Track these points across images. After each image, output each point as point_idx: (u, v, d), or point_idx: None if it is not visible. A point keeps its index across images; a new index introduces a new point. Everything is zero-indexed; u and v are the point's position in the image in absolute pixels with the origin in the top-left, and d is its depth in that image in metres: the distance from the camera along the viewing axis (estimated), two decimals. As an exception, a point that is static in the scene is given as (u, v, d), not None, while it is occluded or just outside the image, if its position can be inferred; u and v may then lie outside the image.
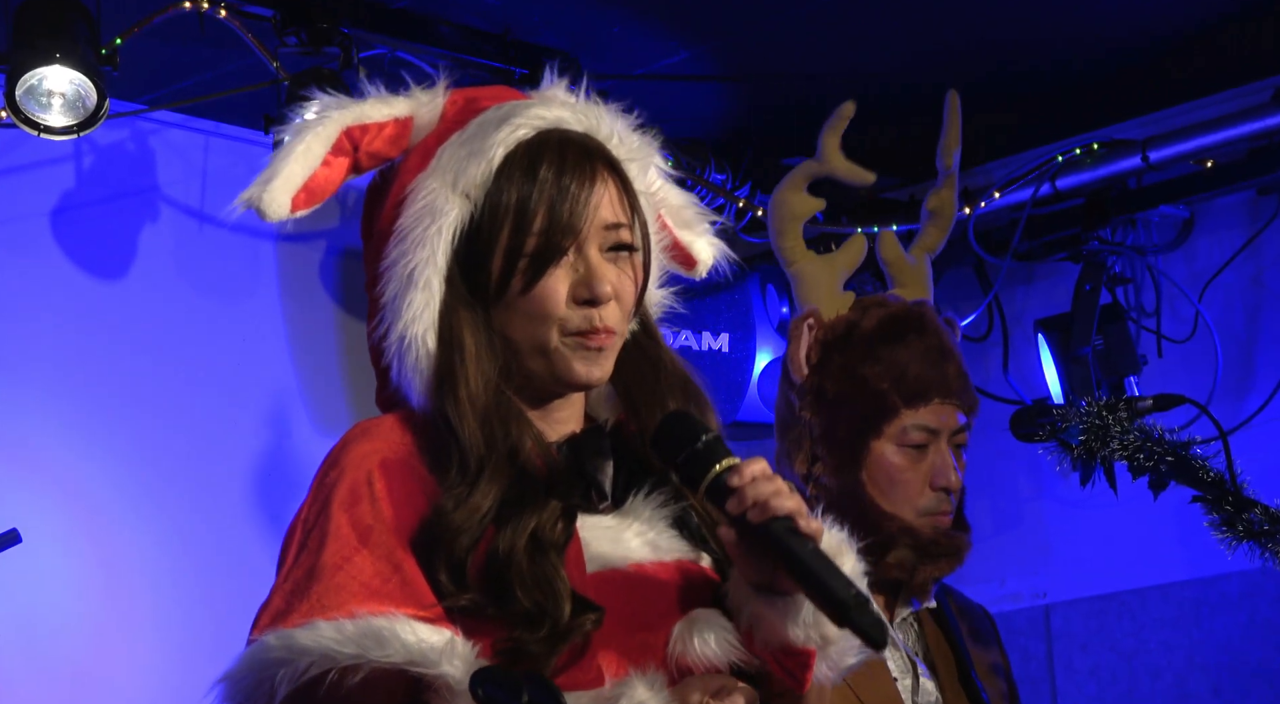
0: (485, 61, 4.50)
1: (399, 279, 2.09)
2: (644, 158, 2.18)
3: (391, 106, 2.27)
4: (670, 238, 2.25)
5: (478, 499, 2.01)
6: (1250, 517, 3.25)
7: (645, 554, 2.07)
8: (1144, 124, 4.93)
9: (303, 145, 2.21)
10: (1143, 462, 3.34)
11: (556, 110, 2.20)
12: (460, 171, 2.13)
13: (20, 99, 4.03)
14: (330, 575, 2.04)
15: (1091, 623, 5.04)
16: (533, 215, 2.07)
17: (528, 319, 2.08)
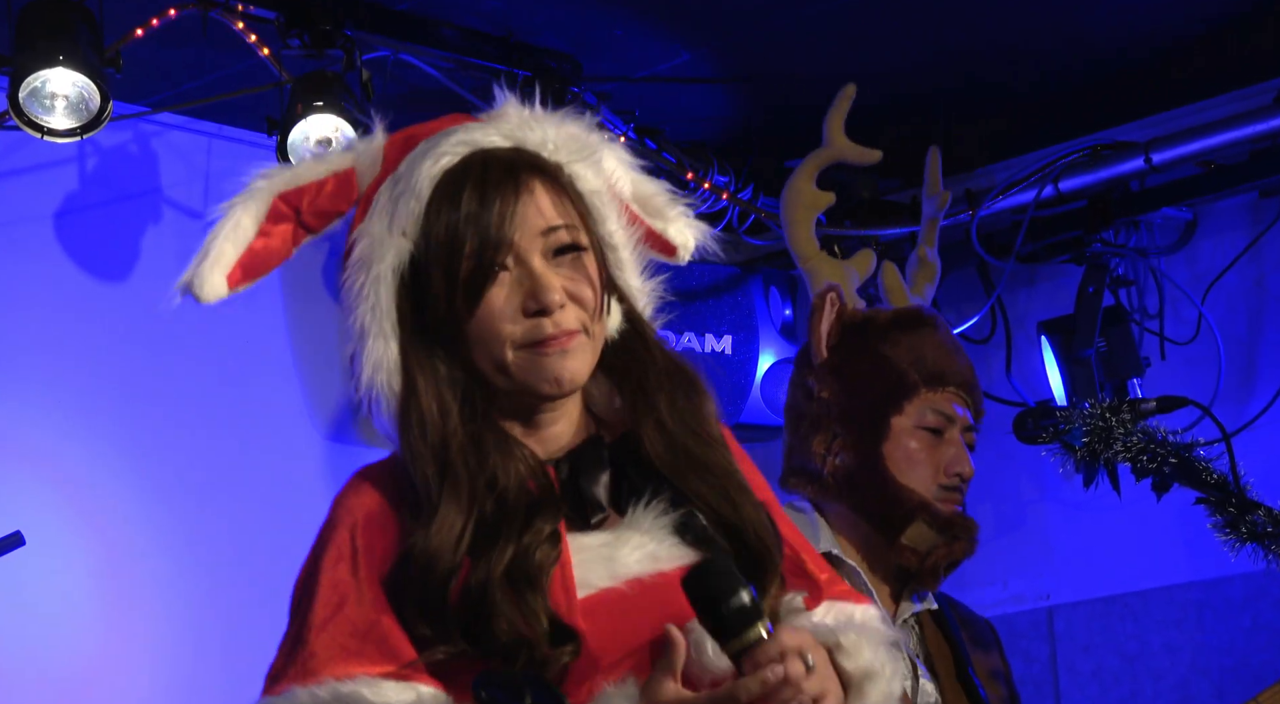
0: (487, 64, 4.50)
1: (354, 334, 2.14)
2: (588, 156, 2.15)
3: (327, 163, 2.22)
4: (644, 228, 2.22)
5: (442, 534, 2.00)
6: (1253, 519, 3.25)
7: (644, 568, 2.05)
8: (1146, 126, 4.93)
9: (231, 222, 2.22)
10: (1146, 463, 3.34)
11: (484, 132, 2.15)
12: (394, 212, 2.13)
13: (24, 101, 4.03)
14: (313, 638, 2.07)
15: (1094, 625, 5.04)
16: (462, 240, 2.06)
17: (480, 342, 2.07)
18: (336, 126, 4.26)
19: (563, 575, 2.02)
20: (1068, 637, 5.07)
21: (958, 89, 4.76)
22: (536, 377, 2.07)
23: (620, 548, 2.06)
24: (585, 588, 2.03)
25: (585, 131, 2.18)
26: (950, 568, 3.23)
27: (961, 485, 3.22)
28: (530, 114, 2.18)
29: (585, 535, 2.06)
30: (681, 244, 2.24)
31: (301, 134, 4.26)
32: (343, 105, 4.24)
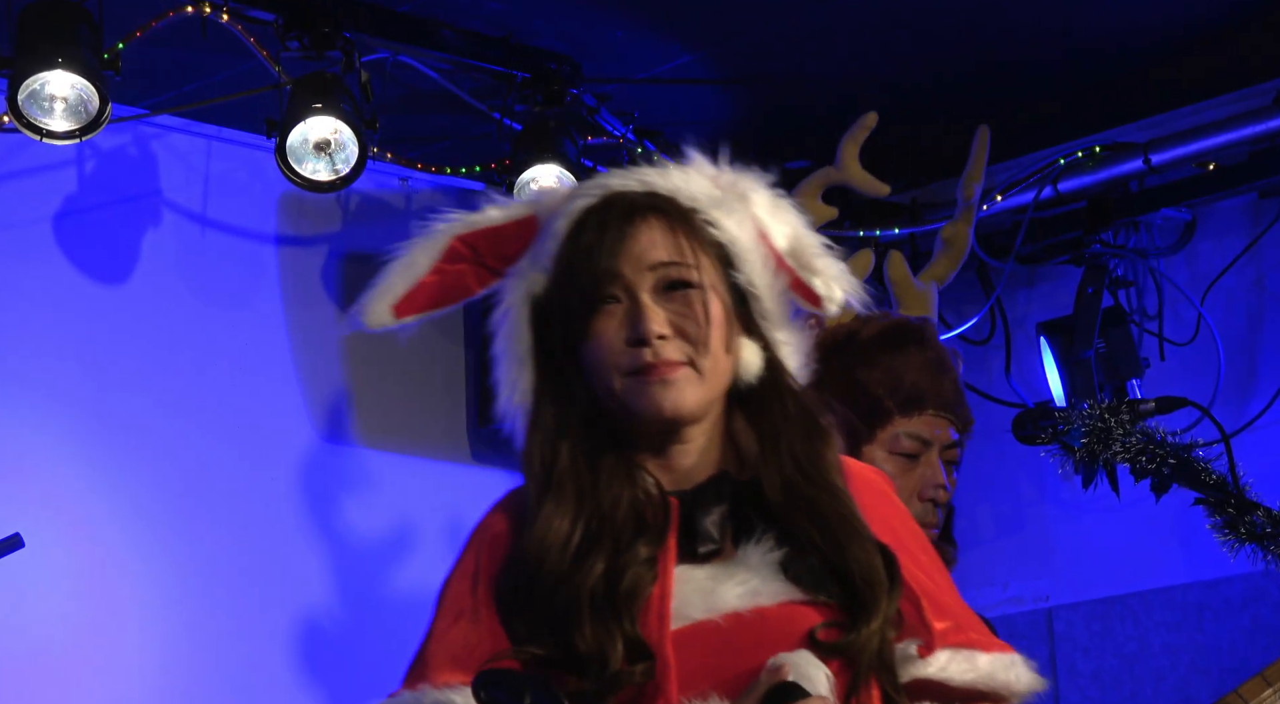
0: (488, 66, 4.50)
1: (500, 363, 2.25)
2: (722, 205, 2.25)
3: (508, 211, 2.35)
4: (791, 278, 2.28)
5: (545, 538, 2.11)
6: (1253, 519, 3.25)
7: (743, 603, 2.11)
8: (1146, 127, 4.93)
9: (407, 259, 2.33)
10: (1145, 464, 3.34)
11: (623, 178, 2.27)
12: (537, 249, 2.26)
13: (23, 104, 4.03)
14: (429, 647, 2.19)
15: (1094, 626, 5.04)
16: (577, 270, 2.19)
17: (594, 369, 2.18)
18: (336, 129, 4.26)
19: (660, 604, 2.09)
20: (1067, 638, 5.07)
21: (956, 90, 4.76)
22: (641, 404, 2.16)
23: (723, 582, 2.12)
24: (681, 619, 2.09)
25: (727, 182, 2.29)
26: None
27: (935, 507, 3.20)
28: (669, 166, 2.31)
29: (693, 567, 2.13)
30: (826, 296, 2.28)
31: (300, 136, 4.26)
32: (342, 107, 4.24)
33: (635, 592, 2.08)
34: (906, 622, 2.16)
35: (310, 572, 4.67)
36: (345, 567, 4.73)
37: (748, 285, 2.22)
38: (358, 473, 4.82)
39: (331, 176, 4.30)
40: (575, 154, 4.58)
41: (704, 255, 2.20)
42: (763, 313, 2.23)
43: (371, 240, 4.95)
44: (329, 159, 4.30)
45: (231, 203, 4.76)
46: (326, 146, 4.28)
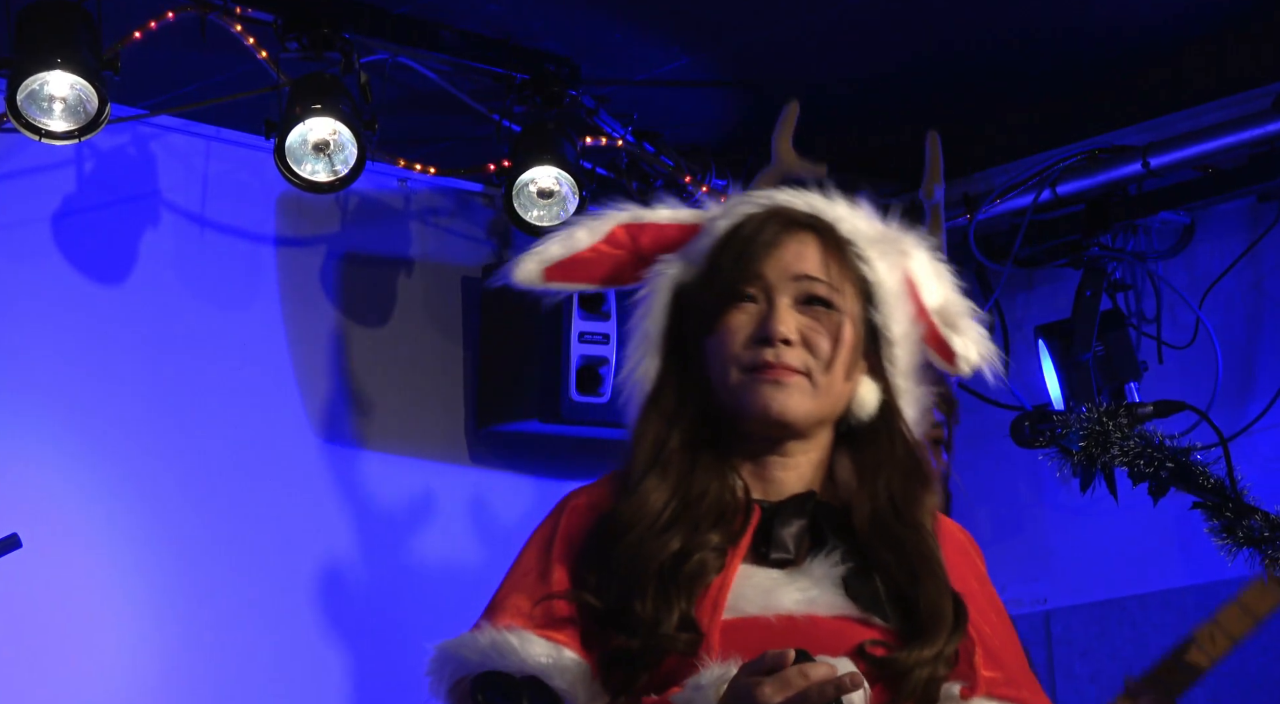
0: (487, 67, 4.50)
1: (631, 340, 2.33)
2: (878, 245, 2.32)
3: (677, 213, 2.40)
4: (930, 331, 2.34)
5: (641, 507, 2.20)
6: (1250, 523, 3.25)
7: (799, 608, 2.17)
8: (1145, 130, 4.93)
9: (568, 231, 2.39)
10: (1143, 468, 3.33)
11: (790, 196, 2.34)
12: (695, 246, 2.33)
13: (22, 104, 4.03)
14: (500, 598, 2.27)
15: (1092, 629, 5.04)
16: (724, 265, 2.27)
17: (716, 359, 2.24)
18: (335, 129, 4.26)
19: (718, 592, 2.16)
20: (1065, 641, 5.07)
21: (955, 93, 4.76)
22: (750, 401, 2.22)
23: (784, 586, 2.18)
24: (734, 611, 2.17)
25: (888, 232, 2.36)
26: None
27: None
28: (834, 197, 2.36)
29: (760, 569, 2.20)
30: (963, 356, 2.34)
31: (299, 137, 4.26)
32: (341, 108, 4.24)
33: (698, 575, 2.16)
34: (959, 665, 2.20)
35: (308, 573, 4.67)
36: (343, 568, 4.73)
37: (883, 327, 2.29)
38: (356, 474, 4.81)
39: (330, 177, 4.30)
40: (574, 155, 4.58)
41: (848, 285, 2.27)
42: (891, 357, 2.29)
43: (370, 241, 4.95)
44: (328, 160, 4.30)
45: (230, 203, 4.76)
46: (325, 147, 4.28)
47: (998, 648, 2.28)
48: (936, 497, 2.28)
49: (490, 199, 5.07)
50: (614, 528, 2.20)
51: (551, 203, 4.58)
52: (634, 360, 2.31)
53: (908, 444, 2.28)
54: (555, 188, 4.56)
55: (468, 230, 5.07)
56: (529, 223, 4.56)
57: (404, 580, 4.78)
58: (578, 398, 4.78)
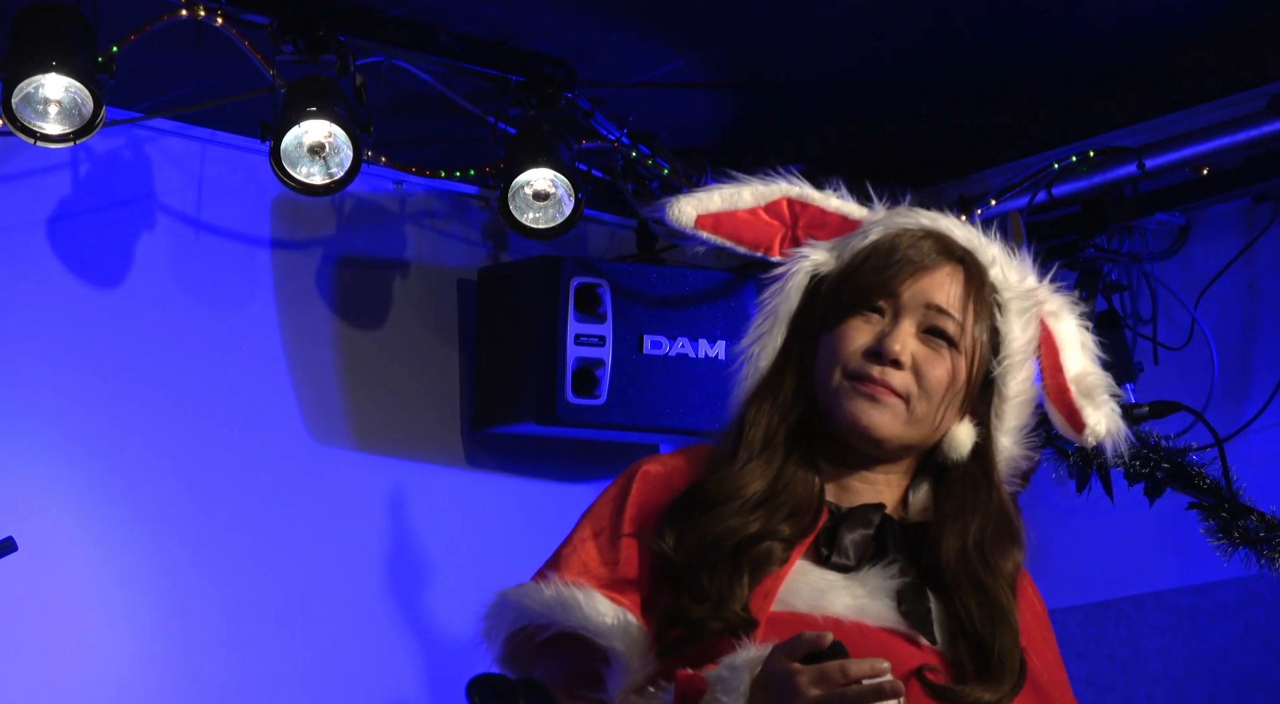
0: (482, 70, 4.50)
1: (759, 313, 2.35)
2: (1029, 303, 2.33)
3: (845, 204, 2.41)
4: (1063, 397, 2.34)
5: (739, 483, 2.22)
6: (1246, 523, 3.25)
7: (848, 613, 2.18)
8: (1140, 131, 4.93)
9: (735, 187, 2.39)
10: (1139, 469, 3.34)
11: (949, 224, 2.35)
12: (846, 241, 2.34)
13: (16, 107, 4.02)
14: (567, 552, 2.28)
15: (1088, 630, 5.04)
16: (866, 270, 2.27)
17: (826, 356, 2.26)
18: (330, 132, 4.25)
19: (772, 582, 2.18)
20: (1061, 642, 5.02)
21: (950, 94, 4.76)
22: (843, 408, 2.24)
23: (837, 590, 2.20)
24: (783, 605, 2.18)
25: (1034, 286, 2.38)
26: None
27: None
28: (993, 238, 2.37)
29: (818, 569, 2.22)
30: (1092, 428, 2.35)
31: (295, 140, 4.26)
32: (336, 111, 4.24)
33: (763, 562, 2.18)
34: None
35: (303, 576, 4.66)
36: (339, 571, 4.73)
37: (1000, 380, 2.29)
38: (352, 477, 4.81)
39: (326, 180, 4.30)
40: (570, 158, 4.58)
41: (979, 327, 2.27)
42: (1000, 411, 2.30)
43: (366, 244, 4.95)
44: (323, 163, 4.29)
45: (225, 206, 4.75)
46: (321, 150, 4.28)
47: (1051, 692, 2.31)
48: (1024, 553, 2.30)
49: (486, 201, 5.06)
50: (705, 497, 2.22)
51: (547, 205, 4.58)
52: (755, 334, 2.32)
53: (1002, 496, 2.29)
54: (551, 190, 4.56)
55: (463, 233, 5.07)
56: (525, 225, 4.56)
57: (400, 583, 4.78)
58: (574, 400, 4.78)
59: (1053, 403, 2.34)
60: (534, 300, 4.80)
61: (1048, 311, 2.35)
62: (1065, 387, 2.33)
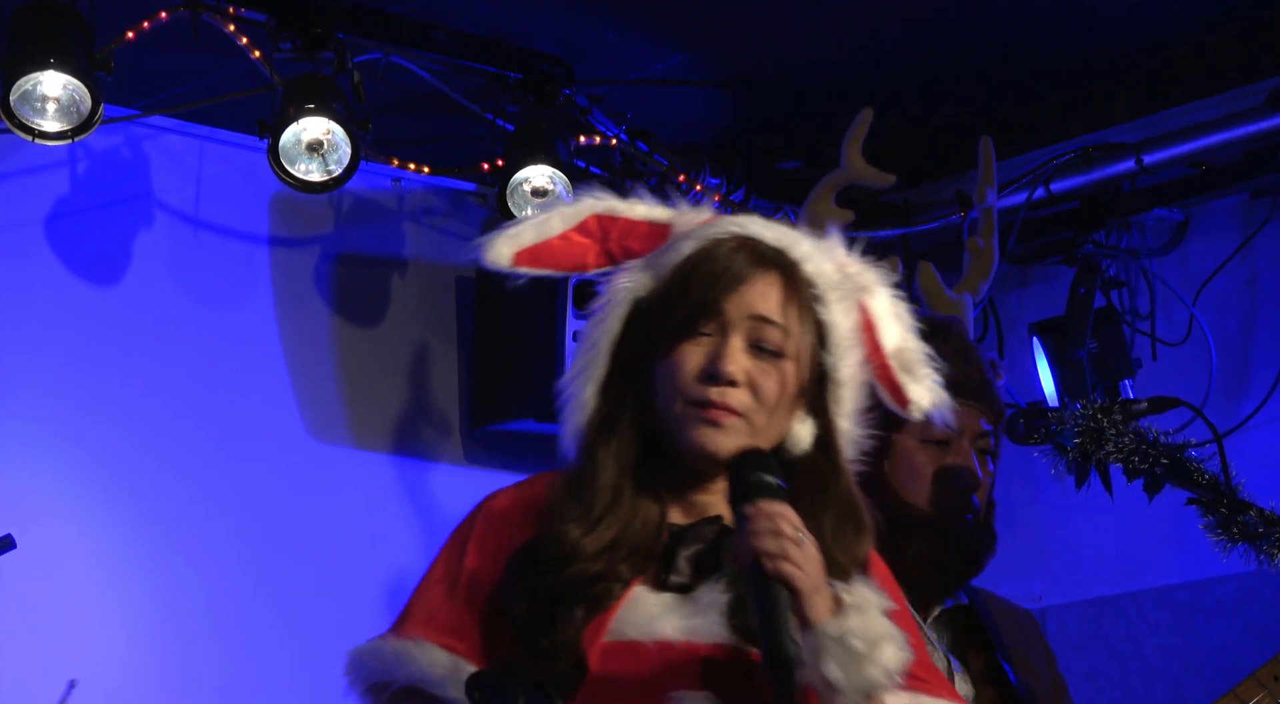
0: (479, 66, 4.50)
1: (581, 345, 2.34)
2: (845, 289, 2.33)
3: (651, 210, 2.41)
4: (884, 372, 2.37)
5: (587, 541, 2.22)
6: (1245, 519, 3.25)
7: (678, 635, 2.20)
8: (1138, 128, 4.93)
9: (544, 216, 2.40)
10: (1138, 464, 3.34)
11: (762, 227, 2.34)
12: (661, 258, 2.33)
13: (15, 104, 4.02)
14: (413, 602, 2.35)
15: (1087, 627, 5.04)
16: (687, 294, 2.27)
17: (663, 386, 2.26)
18: (328, 129, 4.25)
19: (605, 616, 2.20)
20: (1060, 638, 5.06)
21: (948, 91, 4.77)
22: (687, 436, 2.25)
23: (670, 612, 2.21)
24: (616, 635, 2.20)
25: (853, 270, 2.36)
26: (960, 581, 3.23)
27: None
28: (800, 233, 2.36)
29: (654, 594, 2.23)
30: (915, 400, 2.39)
31: (293, 137, 4.26)
32: (334, 108, 4.24)
33: (598, 601, 2.20)
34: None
35: (302, 572, 4.66)
36: (338, 567, 4.73)
37: (832, 369, 2.31)
38: (350, 474, 4.81)
39: (324, 177, 4.30)
40: (567, 155, 4.58)
41: (803, 327, 2.28)
42: (836, 397, 2.32)
43: (364, 241, 4.95)
44: (321, 160, 4.30)
45: (224, 204, 4.75)
46: (319, 147, 4.28)
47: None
48: (871, 540, 2.32)
49: (484, 198, 5.06)
50: (550, 552, 2.22)
51: (545, 202, 4.58)
52: (580, 366, 2.32)
53: (845, 484, 2.31)
54: (549, 187, 4.56)
55: (462, 230, 5.07)
56: (523, 222, 4.56)
57: (399, 579, 4.78)
58: (573, 397, 4.78)
59: (878, 381, 2.37)
60: (533, 298, 4.81)
61: (862, 290, 2.36)
62: (886, 364, 2.36)
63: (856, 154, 3.83)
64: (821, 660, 2.13)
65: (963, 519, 3.20)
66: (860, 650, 2.14)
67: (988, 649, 3.24)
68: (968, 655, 3.22)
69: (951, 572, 3.20)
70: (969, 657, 3.21)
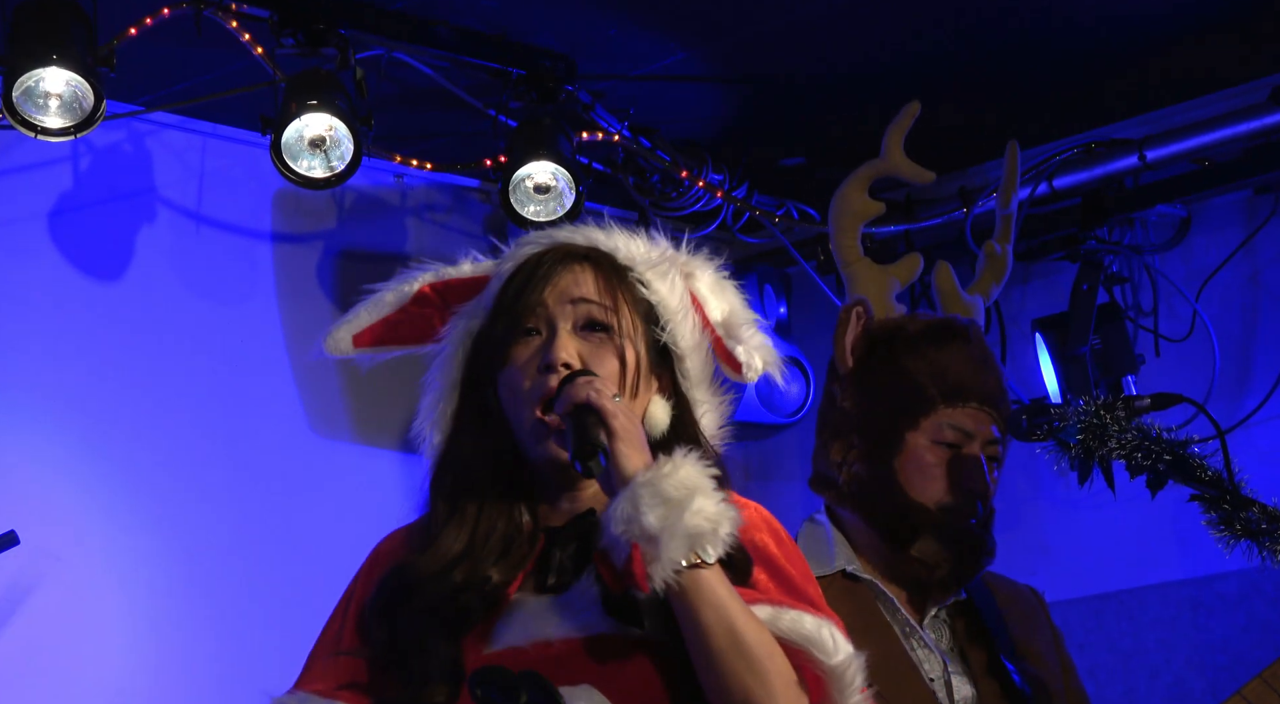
0: (482, 62, 4.50)
1: (428, 389, 2.40)
2: (656, 268, 2.38)
3: (480, 267, 2.50)
4: (718, 344, 2.40)
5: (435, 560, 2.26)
6: (1248, 515, 3.25)
7: (559, 632, 2.21)
8: (1141, 123, 4.93)
9: (378, 298, 2.51)
10: (1140, 461, 3.33)
11: (569, 233, 2.41)
12: (487, 292, 2.41)
13: (17, 101, 4.02)
14: (313, 654, 2.40)
15: (1089, 622, 5.04)
16: (508, 302, 2.35)
17: (509, 397, 2.31)
18: (331, 125, 4.25)
19: (485, 628, 2.24)
20: (1063, 634, 5.06)
21: (951, 87, 4.77)
22: (537, 449, 2.29)
23: (549, 613, 2.24)
24: (500, 644, 2.22)
25: (664, 251, 2.42)
26: (960, 582, 3.24)
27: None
28: (613, 229, 2.42)
29: (534, 598, 2.25)
30: (746, 363, 2.40)
31: (296, 133, 4.26)
32: (337, 104, 4.24)
33: (464, 618, 2.23)
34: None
35: (305, 568, 4.67)
36: (340, 562, 4.72)
37: (671, 343, 2.35)
38: (353, 470, 4.82)
39: (326, 173, 4.30)
40: (570, 151, 4.58)
41: (628, 308, 2.33)
42: (684, 372, 2.36)
43: (367, 237, 4.95)
44: (324, 156, 4.29)
45: (226, 199, 4.75)
46: (321, 143, 4.28)
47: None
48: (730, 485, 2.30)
49: (487, 195, 5.06)
50: (403, 575, 2.27)
51: (548, 198, 4.57)
52: (429, 409, 2.38)
53: (704, 441, 2.34)
54: (552, 183, 4.56)
55: (464, 226, 5.07)
56: (525, 218, 4.56)
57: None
58: (575, 393, 4.78)
59: (716, 356, 2.40)
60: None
61: (685, 274, 2.40)
62: (716, 336, 2.40)
63: (898, 146, 3.83)
64: (639, 509, 2.13)
65: (967, 522, 3.21)
66: (675, 497, 2.14)
67: (989, 644, 3.24)
68: (969, 652, 3.22)
69: (950, 573, 3.21)
70: (970, 653, 3.22)
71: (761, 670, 2.15)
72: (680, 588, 2.13)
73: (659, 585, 2.12)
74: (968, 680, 3.18)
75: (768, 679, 2.15)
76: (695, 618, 2.14)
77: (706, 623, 2.14)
